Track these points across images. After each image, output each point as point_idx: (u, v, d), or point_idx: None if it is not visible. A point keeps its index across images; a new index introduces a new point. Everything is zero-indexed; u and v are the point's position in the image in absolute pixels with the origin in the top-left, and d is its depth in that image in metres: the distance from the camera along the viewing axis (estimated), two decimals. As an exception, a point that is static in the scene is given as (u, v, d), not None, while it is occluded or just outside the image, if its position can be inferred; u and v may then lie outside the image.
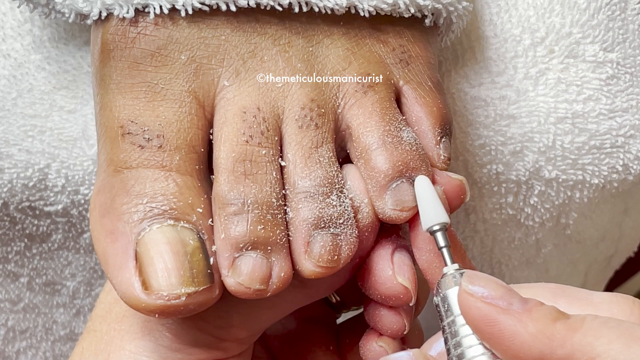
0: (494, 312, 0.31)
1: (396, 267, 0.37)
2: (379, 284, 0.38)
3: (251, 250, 0.35)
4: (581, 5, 0.47)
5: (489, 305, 0.31)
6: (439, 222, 0.36)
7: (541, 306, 0.31)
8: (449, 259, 0.35)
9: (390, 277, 0.37)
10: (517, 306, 0.31)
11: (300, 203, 0.36)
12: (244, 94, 0.37)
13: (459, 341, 0.33)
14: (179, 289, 0.34)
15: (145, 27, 0.37)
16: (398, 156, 0.37)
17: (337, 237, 0.36)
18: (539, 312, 0.31)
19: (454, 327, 0.33)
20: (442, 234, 0.35)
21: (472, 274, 0.33)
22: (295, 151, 0.36)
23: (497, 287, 0.32)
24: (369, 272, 0.38)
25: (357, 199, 0.37)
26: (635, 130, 0.47)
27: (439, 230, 0.36)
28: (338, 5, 0.37)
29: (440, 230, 0.35)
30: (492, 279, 0.32)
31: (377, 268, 0.38)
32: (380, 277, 0.38)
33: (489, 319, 0.31)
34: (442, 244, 0.35)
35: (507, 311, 0.31)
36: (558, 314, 0.31)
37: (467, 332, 0.33)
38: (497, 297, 0.31)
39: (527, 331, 0.30)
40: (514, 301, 0.31)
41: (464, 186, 0.38)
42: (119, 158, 0.36)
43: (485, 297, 0.31)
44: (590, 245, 0.54)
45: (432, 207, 0.36)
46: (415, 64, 0.39)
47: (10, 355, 0.54)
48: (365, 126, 0.37)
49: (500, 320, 0.31)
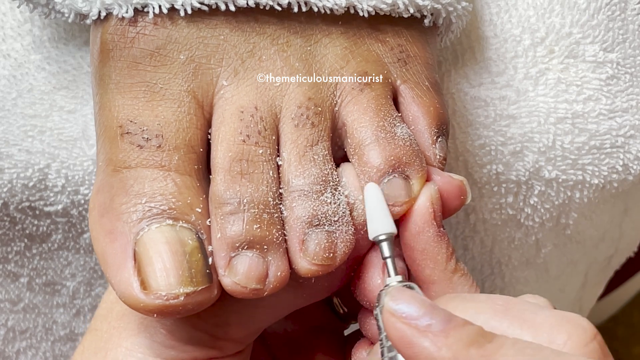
0: (410, 333, 0.30)
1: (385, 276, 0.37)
2: (368, 291, 0.38)
3: (247, 249, 0.35)
4: (581, 6, 0.47)
5: (407, 325, 0.31)
6: (385, 232, 0.36)
7: (462, 327, 0.30)
8: (393, 271, 0.35)
9: (378, 285, 0.37)
10: (437, 326, 0.30)
11: (294, 201, 0.36)
12: (242, 94, 0.37)
13: (393, 356, 0.33)
14: (178, 288, 0.34)
15: (144, 27, 0.37)
16: (391, 151, 0.37)
17: (332, 234, 0.36)
18: (456, 335, 0.30)
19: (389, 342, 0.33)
20: (388, 244, 0.36)
21: (397, 290, 0.32)
22: (290, 150, 0.36)
23: (420, 306, 0.31)
24: (359, 278, 0.38)
25: (352, 196, 0.37)
26: (635, 130, 0.47)
27: (384, 240, 0.36)
28: (337, 5, 0.37)
29: (386, 241, 0.36)
30: (416, 297, 0.31)
31: (367, 275, 0.38)
32: (369, 284, 0.38)
33: (406, 340, 0.30)
34: (386, 254, 0.36)
35: (423, 333, 0.30)
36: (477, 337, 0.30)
37: None
38: (417, 316, 0.31)
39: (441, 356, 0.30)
40: (435, 321, 0.30)
41: (465, 187, 0.38)
42: (118, 158, 0.36)
43: (404, 317, 0.31)
44: (590, 245, 0.54)
45: (379, 217, 0.36)
46: (413, 63, 0.39)
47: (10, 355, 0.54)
48: (359, 122, 0.37)
49: (416, 342, 0.30)
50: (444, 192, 0.37)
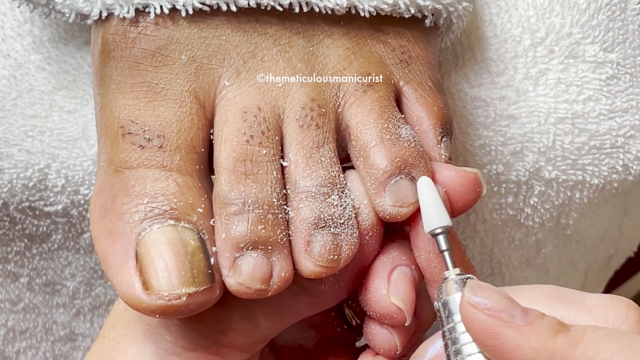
0: (496, 324, 0.31)
1: (392, 285, 0.37)
2: (373, 301, 0.37)
3: (252, 250, 0.35)
4: (581, 6, 0.47)
5: (491, 317, 0.31)
6: (441, 225, 0.35)
7: (542, 318, 0.31)
8: (451, 263, 0.35)
9: (384, 295, 0.37)
10: (519, 318, 0.31)
11: (301, 202, 0.36)
12: (244, 94, 0.37)
13: (459, 348, 0.33)
14: (180, 289, 0.33)
15: (145, 27, 0.37)
16: (396, 152, 0.36)
17: (338, 236, 0.35)
18: (541, 326, 0.31)
19: (454, 333, 0.33)
20: (445, 237, 0.35)
21: (475, 284, 0.33)
22: (296, 151, 0.36)
23: (500, 298, 0.32)
24: (365, 288, 0.38)
25: (357, 200, 0.37)
26: (635, 130, 0.47)
27: (441, 234, 0.35)
28: (338, 6, 0.37)
29: (443, 234, 0.35)
30: (494, 290, 0.32)
31: (373, 285, 0.38)
32: (374, 294, 0.37)
33: (491, 331, 0.31)
34: (444, 247, 0.35)
35: (509, 324, 0.31)
36: (559, 327, 0.31)
37: (468, 339, 0.33)
38: (500, 309, 0.31)
39: (530, 345, 0.30)
40: (516, 313, 0.31)
41: (479, 179, 0.38)
42: (120, 158, 0.36)
43: (487, 309, 0.31)
44: (590, 246, 0.54)
45: (435, 210, 0.36)
46: (415, 64, 0.39)
47: (10, 355, 0.54)
48: (363, 124, 0.37)
49: (503, 333, 0.31)
50: (460, 187, 0.37)
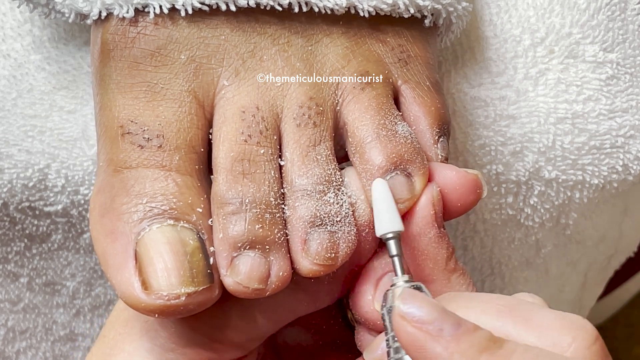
0: (422, 338, 0.30)
1: (378, 292, 0.37)
2: (359, 306, 0.38)
3: (249, 249, 0.35)
4: (581, 6, 0.47)
5: (418, 329, 0.31)
6: (392, 230, 0.35)
7: (473, 333, 0.30)
8: (400, 269, 0.35)
9: (369, 301, 0.37)
10: (448, 332, 0.30)
11: (297, 201, 0.36)
12: (243, 94, 0.37)
13: (400, 358, 0.33)
14: (179, 288, 0.34)
15: (145, 27, 0.37)
16: (392, 148, 0.36)
17: (335, 234, 0.35)
18: (467, 342, 0.30)
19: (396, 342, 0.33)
20: (395, 242, 0.35)
21: (408, 293, 0.32)
22: (293, 149, 0.36)
23: (431, 310, 0.31)
24: (353, 292, 0.38)
25: (355, 196, 0.37)
26: (635, 130, 0.47)
27: (392, 239, 0.35)
28: (338, 6, 0.37)
29: (393, 239, 0.35)
30: (427, 301, 0.31)
31: (360, 290, 0.38)
32: (360, 299, 0.37)
33: (417, 344, 0.31)
34: (393, 252, 0.35)
35: (436, 338, 0.30)
36: (489, 343, 0.30)
37: None
38: (428, 321, 0.31)
39: None
40: (446, 326, 0.30)
41: (480, 181, 0.38)
42: (119, 158, 0.36)
43: (416, 321, 0.31)
44: (590, 246, 0.54)
45: (387, 214, 0.35)
46: (414, 63, 0.39)
47: (10, 355, 0.54)
48: (360, 120, 0.37)
49: (428, 347, 0.30)
50: (460, 187, 0.37)
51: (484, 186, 0.38)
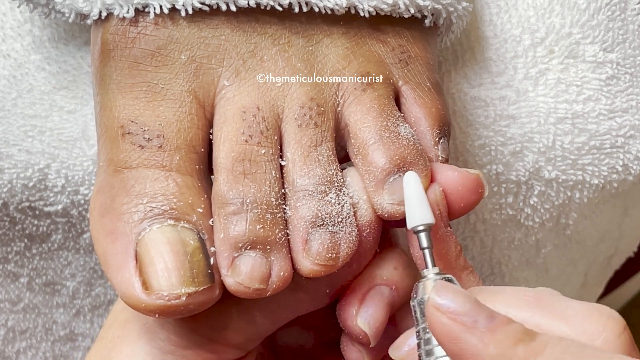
0: (457, 329, 0.30)
1: (363, 308, 0.37)
2: (342, 318, 0.38)
3: (250, 249, 0.35)
4: (581, 6, 0.47)
5: (453, 321, 0.31)
6: (423, 222, 0.35)
7: (507, 325, 0.30)
8: (430, 262, 0.35)
9: (352, 315, 0.37)
10: (482, 324, 0.30)
11: (299, 201, 0.36)
12: (243, 94, 0.37)
13: (431, 349, 0.33)
14: (179, 289, 0.34)
15: (145, 27, 0.37)
16: (395, 150, 0.37)
17: (336, 235, 0.35)
18: (502, 333, 0.30)
19: (427, 334, 0.33)
20: (426, 235, 0.35)
21: (441, 285, 0.32)
22: (294, 150, 0.36)
23: (465, 301, 0.31)
24: (339, 303, 0.38)
25: (356, 196, 0.37)
26: (635, 130, 0.47)
27: (423, 231, 0.35)
28: (338, 6, 0.37)
29: (424, 231, 0.35)
30: (461, 292, 0.31)
31: (346, 301, 0.38)
32: (344, 311, 0.38)
33: (452, 336, 0.31)
34: (424, 244, 0.35)
35: (471, 329, 0.30)
36: (523, 335, 0.30)
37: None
38: (463, 313, 0.31)
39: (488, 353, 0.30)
40: (480, 318, 0.30)
41: (482, 180, 0.37)
42: (119, 158, 0.36)
43: (450, 312, 0.31)
44: (590, 246, 0.54)
45: (418, 207, 0.35)
46: (414, 64, 0.39)
47: (10, 355, 0.54)
48: (362, 122, 0.37)
49: (463, 339, 0.30)
50: (462, 187, 0.37)
51: (486, 185, 0.38)
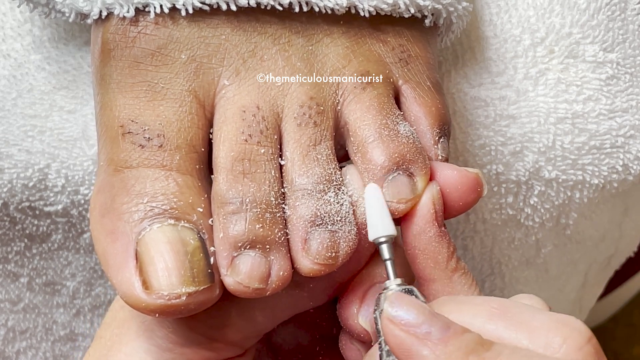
0: (409, 341, 0.31)
1: (364, 306, 0.37)
2: (344, 317, 0.38)
3: (250, 249, 0.35)
4: (581, 6, 0.47)
5: (406, 333, 0.31)
6: (385, 234, 0.35)
7: (461, 335, 0.30)
8: (392, 273, 0.35)
9: (354, 314, 0.37)
10: (436, 335, 0.30)
11: (298, 200, 0.36)
12: (243, 93, 0.37)
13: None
14: (180, 288, 0.34)
15: (145, 27, 0.37)
16: (394, 148, 0.37)
17: (335, 234, 0.36)
18: (456, 343, 0.30)
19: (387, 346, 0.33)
20: (388, 246, 0.35)
21: (396, 296, 0.32)
22: (293, 149, 0.36)
23: (419, 313, 0.31)
24: (340, 301, 0.38)
25: (355, 194, 0.37)
26: (635, 130, 0.47)
27: (384, 243, 0.35)
28: (338, 5, 0.37)
29: (386, 243, 0.35)
30: (416, 303, 0.31)
31: (347, 300, 0.38)
32: (345, 310, 0.38)
33: (404, 347, 0.31)
34: (386, 256, 0.35)
35: (423, 341, 0.30)
36: (476, 345, 0.30)
37: None
38: (416, 324, 0.31)
39: None
40: (434, 329, 0.30)
41: (480, 179, 0.38)
42: (120, 157, 0.36)
43: (403, 324, 0.31)
44: (590, 246, 0.54)
45: (380, 219, 0.36)
46: (414, 63, 0.39)
47: (10, 355, 0.54)
48: (362, 120, 0.37)
49: (414, 350, 0.30)
50: (461, 186, 0.37)
51: (484, 185, 0.38)
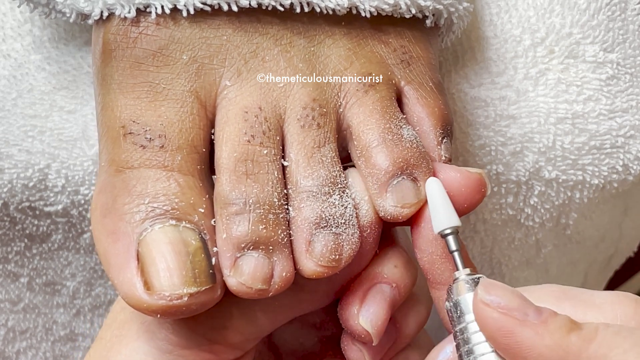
0: (510, 323, 0.31)
1: (364, 306, 0.37)
2: (344, 317, 0.38)
3: (253, 250, 0.35)
4: (581, 6, 0.47)
5: (505, 316, 0.31)
6: (450, 225, 0.35)
7: (556, 317, 0.31)
8: (461, 264, 0.35)
9: (354, 315, 0.37)
10: (533, 317, 0.31)
11: (303, 202, 0.36)
12: (245, 94, 0.37)
13: (471, 348, 0.33)
14: (181, 289, 0.33)
15: (146, 27, 0.37)
16: (398, 153, 0.37)
17: (339, 236, 0.36)
18: (554, 324, 0.31)
19: (466, 333, 0.33)
20: (454, 237, 0.35)
21: (488, 282, 0.33)
22: (297, 150, 0.36)
23: (513, 297, 0.32)
24: (341, 301, 0.38)
25: (359, 197, 0.37)
26: (635, 130, 0.47)
27: (450, 234, 0.35)
28: (339, 6, 0.37)
29: (452, 234, 0.35)
30: (508, 289, 0.32)
31: (347, 300, 0.38)
32: (346, 310, 0.38)
33: (505, 330, 0.31)
34: (453, 247, 0.35)
35: (523, 323, 0.31)
36: (572, 325, 0.31)
37: (480, 339, 0.33)
38: (514, 308, 0.31)
39: (544, 344, 0.31)
40: (530, 312, 0.31)
41: (484, 179, 0.37)
42: (121, 158, 0.36)
43: (501, 308, 0.31)
44: (590, 246, 0.54)
45: (444, 210, 0.36)
46: (416, 64, 0.39)
47: (11, 355, 0.54)
48: (365, 124, 0.37)
49: (517, 332, 0.31)
50: (465, 188, 0.37)
51: (488, 185, 0.38)
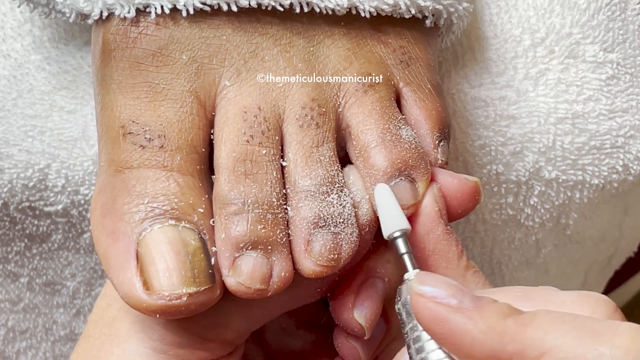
0: (443, 311, 0.31)
1: (358, 300, 0.38)
2: (338, 312, 0.38)
3: (251, 250, 0.35)
4: (581, 6, 0.47)
5: (438, 304, 0.31)
6: (399, 228, 0.36)
7: (493, 303, 0.31)
8: (411, 266, 0.35)
9: (349, 309, 0.38)
10: (468, 304, 0.31)
11: (301, 202, 0.36)
12: (245, 94, 0.37)
13: (421, 346, 0.33)
14: (181, 289, 0.34)
15: (146, 27, 0.37)
16: (397, 154, 0.37)
17: (338, 236, 0.36)
18: (489, 309, 0.30)
19: (415, 332, 0.33)
20: (403, 240, 0.35)
21: (423, 274, 0.33)
22: (296, 150, 0.36)
23: (448, 286, 0.31)
24: (334, 296, 0.38)
25: (358, 195, 0.37)
26: (635, 130, 0.47)
27: (399, 237, 0.36)
28: (339, 6, 0.37)
29: (401, 237, 0.35)
30: (442, 279, 0.32)
31: (341, 294, 0.38)
32: (340, 305, 0.38)
33: (439, 318, 0.31)
34: (402, 250, 0.35)
35: (457, 309, 0.31)
36: (510, 310, 0.30)
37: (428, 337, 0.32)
38: (448, 295, 0.31)
39: (478, 328, 0.30)
40: (465, 299, 0.31)
41: (479, 188, 0.38)
42: (120, 158, 0.36)
43: (435, 297, 0.31)
44: (590, 246, 0.54)
45: (392, 214, 0.36)
46: (415, 65, 0.39)
47: (11, 355, 0.54)
48: (364, 124, 0.37)
49: (450, 318, 0.31)
50: (461, 194, 0.37)
51: (482, 193, 0.38)
